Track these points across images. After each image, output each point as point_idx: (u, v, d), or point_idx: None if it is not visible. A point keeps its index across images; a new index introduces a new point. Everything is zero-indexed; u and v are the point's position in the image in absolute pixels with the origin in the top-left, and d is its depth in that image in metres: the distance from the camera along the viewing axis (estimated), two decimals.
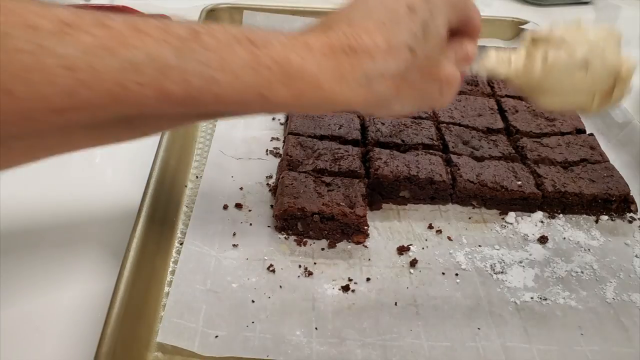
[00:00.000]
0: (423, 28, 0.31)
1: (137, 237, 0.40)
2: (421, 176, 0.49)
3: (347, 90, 0.30)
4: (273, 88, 0.28)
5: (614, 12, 1.05)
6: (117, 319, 0.34)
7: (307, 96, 0.29)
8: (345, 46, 0.29)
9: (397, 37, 0.30)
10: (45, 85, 0.23)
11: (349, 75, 0.29)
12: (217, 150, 0.53)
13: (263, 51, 0.27)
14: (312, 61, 0.28)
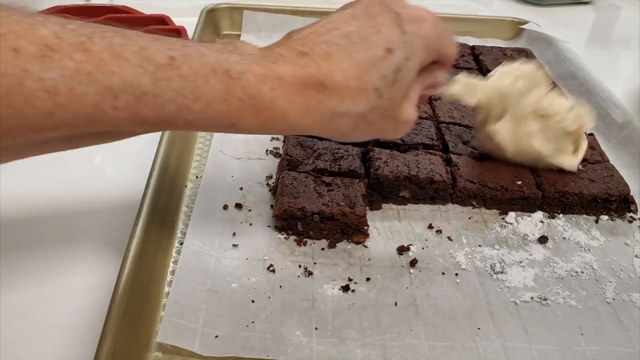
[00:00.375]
0: (395, 73, 0.32)
1: (137, 237, 0.40)
2: (421, 176, 0.49)
3: (310, 122, 0.31)
4: (242, 118, 0.29)
5: (614, 12, 1.05)
6: (117, 319, 0.34)
7: (272, 125, 0.30)
8: (317, 82, 0.30)
9: (368, 80, 0.31)
10: (26, 107, 0.24)
11: (315, 110, 0.31)
12: (217, 150, 0.53)
13: (237, 83, 0.28)
14: (282, 95, 0.29)
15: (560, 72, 0.72)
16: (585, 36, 0.94)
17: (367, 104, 0.32)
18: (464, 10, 0.94)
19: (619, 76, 0.81)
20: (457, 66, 0.68)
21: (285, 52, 0.31)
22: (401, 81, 0.33)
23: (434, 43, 0.35)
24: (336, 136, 0.34)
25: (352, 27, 0.32)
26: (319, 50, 0.31)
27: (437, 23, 0.35)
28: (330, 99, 0.31)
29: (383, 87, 0.32)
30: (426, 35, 0.34)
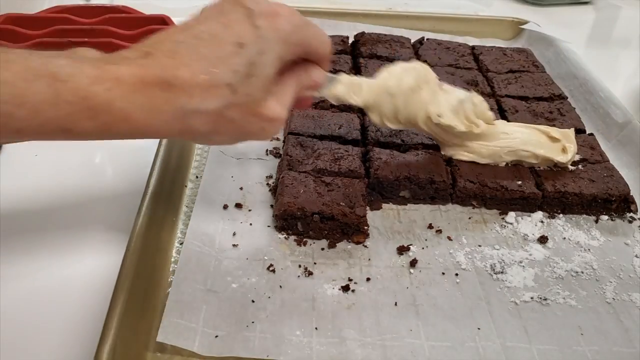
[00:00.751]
0: (248, 68, 0.31)
1: (137, 237, 0.40)
2: (421, 176, 0.49)
3: (159, 123, 0.30)
4: (76, 122, 0.28)
5: (614, 12, 1.05)
6: (117, 319, 0.34)
7: (115, 128, 0.29)
8: (161, 81, 0.29)
9: (218, 76, 0.31)
10: None
11: (162, 109, 0.30)
12: (217, 150, 0.53)
13: (65, 85, 0.27)
14: (120, 95, 0.28)
15: (560, 72, 0.72)
16: (585, 36, 0.94)
17: (220, 100, 0.31)
18: (464, 10, 0.94)
19: (619, 76, 0.81)
20: (457, 66, 0.68)
21: (129, 54, 0.30)
22: (257, 76, 0.32)
23: (292, 36, 0.34)
24: (197, 138, 0.34)
25: (203, 26, 0.32)
26: (165, 48, 0.31)
27: (294, 16, 0.34)
28: (177, 97, 0.30)
29: (236, 82, 0.31)
30: (281, 29, 0.33)
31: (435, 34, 0.79)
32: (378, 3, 0.94)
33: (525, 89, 0.64)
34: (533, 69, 0.69)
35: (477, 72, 0.68)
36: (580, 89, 0.68)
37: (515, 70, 0.68)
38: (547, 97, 0.63)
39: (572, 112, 0.61)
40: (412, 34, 0.77)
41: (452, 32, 0.82)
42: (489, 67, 0.68)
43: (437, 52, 0.71)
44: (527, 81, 0.66)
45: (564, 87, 0.68)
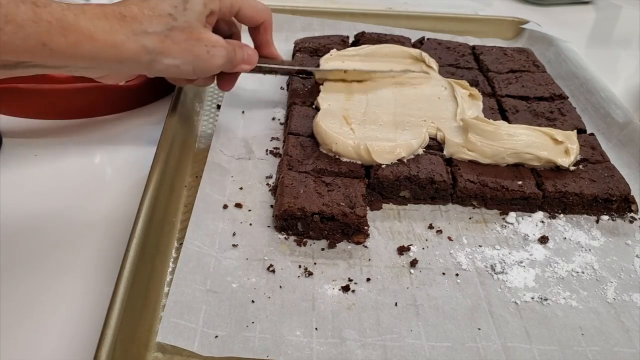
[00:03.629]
0: (183, 4, 0.43)
1: (136, 237, 0.40)
2: (421, 176, 0.49)
3: (118, 41, 0.39)
4: (53, 38, 0.35)
5: (615, 12, 1.05)
6: (117, 319, 0.34)
7: (83, 46, 0.37)
8: (117, 13, 0.39)
9: (161, 8, 0.42)
10: None
11: (118, 31, 0.39)
12: (217, 150, 0.53)
13: (44, 9, 0.35)
14: (85, 20, 0.37)
15: (560, 72, 0.72)
16: (586, 36, 0.94)
17: (163, 25, 0.41)
18: (464, 10, 0.94)
19: (620, 76, 0.81)
20: (458, 66, 0.68)
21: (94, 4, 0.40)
22: (192, 10, 0.43)
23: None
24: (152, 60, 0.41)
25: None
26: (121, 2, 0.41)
27: None
28: (129, 23, 0.40)
29: (176, 13, 0.42)
30: None
31: (435, 34, 0.79)
32: (378, 3, 0.94)
33: (526, 89, 0.64)
34: (534, 68, 0.69)
35: (477, 72, 0.68)
36: (580, 88, 0.68)
37: (516, 70, 0.68)
38: (548, 97, 0.63)
39: (572, 112, 0.61)
40: (412, 34, 0.76)
41: (452, 32, 0.82)
42: (490, 67, 0.68)
43: (437, 51, 0.71)
44: (527, 81, 0.66)
45: (565, 86, 0.68)
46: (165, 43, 0.42)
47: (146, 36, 0.40)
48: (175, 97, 0.57)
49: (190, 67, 0.44)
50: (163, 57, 0.42)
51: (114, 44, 0.39)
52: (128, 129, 0.59)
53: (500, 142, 0.51)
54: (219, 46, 0.45)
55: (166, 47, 0.42)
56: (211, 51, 0.45)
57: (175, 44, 0.42)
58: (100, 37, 0.37)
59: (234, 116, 0.59)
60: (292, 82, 0.62)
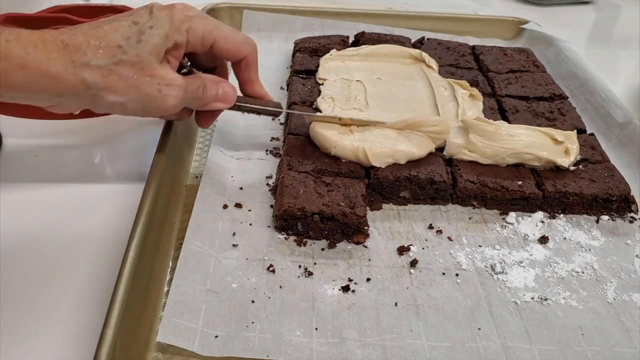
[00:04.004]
0: (138, 36, 0.38)
1: (137, 237, 0.40)
2: (421, 176, 0.49)
3: (54, 72, 0.35)
4: None
5: (615, 12, 1.05)
6: (117, 319, 0.34)
7: (13, 75, 0.34)
8: (59, 41, 0.35)
9: (110, 39, 0.37)
10: None
11: (56, 61, 0.35)
12: (217, 150, 0.53)
13: None
14: (18, 47, 0.34)
15: (560, 72, 0.72)
16: (586, 36, 0.94)
17: (110, 57, 0.36)
18: (464, 10, 0.94)
19: (620, 76, 0.81)
20: (457, 66, 0.68)
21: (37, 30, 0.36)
22: (146, 42, 0.38)
23: (183, 23, 0.40)
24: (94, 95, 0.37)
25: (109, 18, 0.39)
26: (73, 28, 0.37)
27: (189, 10, 0.41)
28: (71, 53, 0.35)
29: (127, 45, 0.37)
30: (172, 14, 0.40)
31: (435, 34, 0.79)
32: (378, 3, 0.94)
33: (526, 89, 0.64)
34: (533, 68, 0.69)
35: (477, 71, 0.68)
36: (580, 88, 0.68)
37: (516, 70, 0.68)
38: (548, 97, 0.63)
39: (572, 112, 0.61)
40: (412, 34, 0.76)
41: (452, 32, 0.82)
42: (490, 67, 0.68)
43: (437, 51, 0.71)
44: (527, 81, 0.66)
45: (565, 86, 0.68)
46: (109, 78, 0.37)
47: (87, 69, 0.36)
48: None
49: (138, 105, 0.39)
50: (106, 93, 0.37)
51: (48, 74, 0.35)
52: (128, 129, 0.59)
53: (500, 143, 0.51)
54: (174, 85, 0.40)
55: (110, 83, 0.37)
56: (164, 90, 0.39)
57: (121, 79, 0.37)
58: (33, 66, 0.34)
59: (234, 116, 0.59)
60: (292, 82, 0.62)
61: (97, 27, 0.37)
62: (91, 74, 0.36)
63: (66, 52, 0.35)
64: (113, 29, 0.37)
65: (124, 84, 0.37)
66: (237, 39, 0.44)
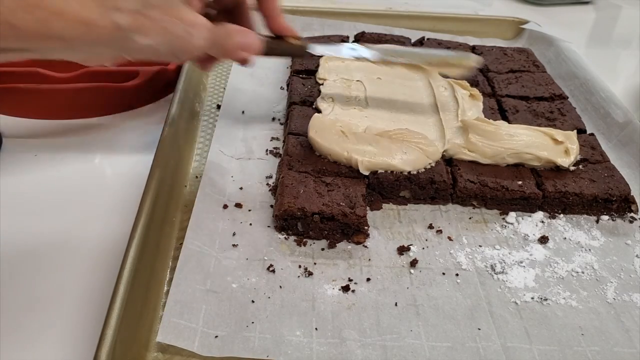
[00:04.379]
0: None
1: (137, 237, 0.40)
2: (421, 176, 0.49)
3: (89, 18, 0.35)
4: (18, 16, 0.33)
5: (615, 12, 1.05)
6: (117, 319, 0.34)
7: (52, 23, 0.34)
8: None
9: None
10: None
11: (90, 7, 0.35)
12: (217, 150, 0.53)
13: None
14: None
15: (560, 72, 0.72)
16: (586, 36, 0.94)
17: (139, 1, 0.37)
18: (464, 10, 0.94)
19: (620, 76, 0.81)
20: None
21: None
22: None
23: None
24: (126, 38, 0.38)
25: None
26: None
27: None
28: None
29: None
30: None
31: (435, 34, 0.79)
32: (378, 2, 0.94)
33: (526, 89, 0.64)
34: (534, 68, 0.69)
35: (477, 71, 0.68)
36: (580, 88, 0.68)
37: (516, 70, 0.68)
38: (548, 97, 0.63)
39: (572, 112, 0.61)
40: (412, 34, 0.76)
41: (452, 32, 0.82)
42: (490, 67, 0.68)
43: None
44: (527, 81, 0.66)
45: (565, 87, 0.68)
46: (140, 20, 0.38)
47: (119, 13, 0.37)
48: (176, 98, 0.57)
49: (167, 47, 0.40)
50: (138, 36, 0.38)
51: (84, 21, 0.36)
52: (128, 129, 0.59)
53: (500, 143, 0.51)
54: (200, 26, 0.41)
55: (140, 25, 0.38)
56: (191, 31, 0.41)
57: (150, 21, 0.38)
58: (70, 13, 0.35)
59: (234, 116, 0.59)
60: (292, 82, 0.62)
61: None
62: (123, 17, 0.37)
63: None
64: None
65: (154, 26, 0.38)
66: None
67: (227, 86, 0.64)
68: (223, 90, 0.64)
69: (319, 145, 0.49)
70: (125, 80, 0.61)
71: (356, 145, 0.49)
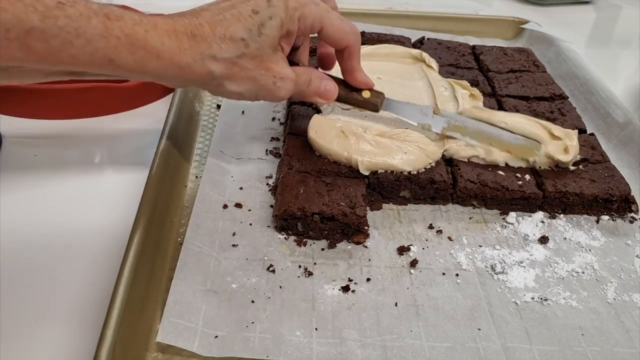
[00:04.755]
0: (259, 28, 0.40)
1: (137, 237, 0.40)
2: (421, 176, 0.49)
3: (184, 63, 0.37)
4: (120, 54, 0.34)
5: (615, 12, 1.05)
6: (117, 319, 0.34)
7: (149, 64, 0.36)
8: (188, 31, 0.37)
9: (235, 32, 0.39)
10: None
11: (186, 52, 0.37)
12: (217, 150, 0.53)
13: (115, 24, 0.34)
14: (155, 36, 0.36)
15: (561, 72, 0.72)
16: (586, 36, 0.94)
17: (234, 50, 0.39)
18: (464, 10, 0.94)
19: (620, 76, 0.81)
20: (458, 66, 0.68)
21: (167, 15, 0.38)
22: (266, 35, 0.40)
23: (295, 10, 0.41)
24: (217, 84, 0.40)
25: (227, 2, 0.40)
26: (192, 14, 0.39)
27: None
28: (199, 44, 0.38)
29: (249, 38, 0.39)
30: (287, 1, 0.41)
31: (435, 34, 0.79)
32: (378, 2, 0.94)
33: (526, 89, 0.64)
34: (534, 68, 0.69)
35: (477, 71, 0.68)
36: (580, 88, 0.68)
37: (516, 70, 0.68)
38: (548, 97, 0.63)
39: (572, 112, 0.61)
40: (412, 34, 0.76)
41: (452, 32, 0.82)
42: (490, 67, 0.68)
43: (437, 51, 0.71)
44: (527, 81, 0.66)
45: (565, 86, 0.68)
46: (232, 70, 0.40)
47: (214, 61, 0.38)
48: (176, 98, 0.57)
49: (253, 94, 0.42)
50: (228, 83, 0.40)
51: (180, 65, 0.37)
52: (128, 129, 0.59)
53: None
54: (288, 79, 0.42)
55: (233, 75, 0.40)
56: (278, 83, 0.42)
57: (242, 71, 0.40)
58: (166, 56, 0.36)
59: (234, 116, 0.59)
60: None
61: (219, 14, 0.39)
62: (217, 66, 0.39)
63: (195, 42, 0.37)
64: (235, 19, 0.39)
65: (245, 75, 0.40)
66: (343, 28, 0.45)
67: None
68: None
69: (319, 145, 0.49)
70: (125, 80, 0.61)
71: (356, 145, 0.49)
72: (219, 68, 0.39)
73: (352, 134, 0.50)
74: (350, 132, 0.50)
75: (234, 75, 0.40)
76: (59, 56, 0.33)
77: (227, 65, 0.39)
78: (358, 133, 0.50)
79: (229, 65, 0.39)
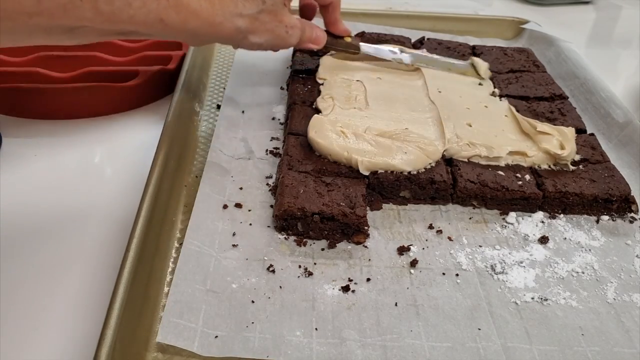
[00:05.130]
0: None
1: (136, 237, 0.40)
2: (421, 176, 0.49)
3: (217, 21, 0.44)
4: (169, 14, 0.40)
5: (615, 12, 1.05)
6: (117, 319, 0.34)
7: (190, 22, 0.42)
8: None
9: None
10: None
11: (218, 12, 0.44)
12: (217, 150, 0.53)
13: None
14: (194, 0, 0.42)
15: (561, 72, 0.72)
16: (586, 36, 0.94)
17: (255, 7, 0.46)
18: (464, 10, 0.94)
19: (620, 76, 0.81)
20: None
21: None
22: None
23: None
24: (242, 38, 0.47)
25: None
26: None
27: None
28: (227, 5, 0.44)
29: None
30: None
31: (435, 34, 0.79)
32: (378, 2, 0.94)
33: (526, 89, 0.64)
34: (534, 68, 0.69)
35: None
36: (581, 88, 0.68)
37: (516, 70, 0.68)
38: (548, 97, 0.63)
39: (572, 112, 0.61)
40: (412, 34, 0.76)
41: (452, 32, 0.82)
42: (490, 67, 0.68)
43: (437, 51, 0.71)
44: (527, 81, 0.66)
45: (565, 87, 0.68)
46: (255, 24, 0.47)
47: (240, 18, 0.45)
48: (175, 98, 0.57)
49: (270, 44, 0.50)
50: (251, 36, 0.47)
51: (213, 23, 0.43)
52: (128, 129, 0.59)
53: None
54: (296, 27, 0.51)
55: (255, 28, 0.47)
56: (289, 32, 0.50)
57: (262, 25, 0.47)
58: (204, 16, 0.42)
59: (234, 116, 0.59)
60: (292, 82, 0.62)
61: None
62: (243, 22, 0.46)
63: (224, 3, 0.44)
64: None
65: (264, 28, 0.48)
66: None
67: (227, 86, 0.64)
68: (223, 90, 0.64)
69: (319, 145, 0.49)
70: (125, 80, 0.61)
71: (356, 145, 0.49)
72: (245, 23, 0.46)
73: (352, 134, 0.50)
74: (350, 132, 0.50)
75: (255, 28, 0.47)
76: (120, 16, 0.37)
77: (251, 20, 0.46)
78: (358, 133, 0.50)
79: (252, 20, 0.46)
